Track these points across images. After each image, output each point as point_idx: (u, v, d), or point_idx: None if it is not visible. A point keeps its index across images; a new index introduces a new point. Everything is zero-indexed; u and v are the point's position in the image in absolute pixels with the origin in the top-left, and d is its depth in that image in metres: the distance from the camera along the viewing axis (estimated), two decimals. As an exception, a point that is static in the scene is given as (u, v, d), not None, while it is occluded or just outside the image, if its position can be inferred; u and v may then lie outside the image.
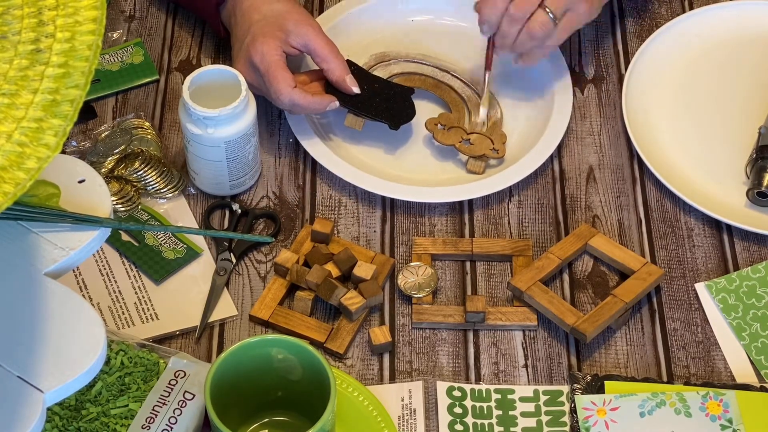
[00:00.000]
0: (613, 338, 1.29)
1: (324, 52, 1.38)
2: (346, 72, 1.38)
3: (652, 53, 1.48)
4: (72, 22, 0.90)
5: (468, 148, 1.40)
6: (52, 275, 1.02)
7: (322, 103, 1.37)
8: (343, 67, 1.38)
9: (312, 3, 1.56)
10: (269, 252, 1.35)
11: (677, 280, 1.33)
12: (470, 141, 1.40)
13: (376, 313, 1.31)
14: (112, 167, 1.39)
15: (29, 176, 0.85)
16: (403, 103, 1.41)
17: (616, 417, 1.21)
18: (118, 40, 1.52)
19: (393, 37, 1.52)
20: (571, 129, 1.45)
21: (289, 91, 1.35)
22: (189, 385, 1.19)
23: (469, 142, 1.40)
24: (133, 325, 1.29)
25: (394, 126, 1.40)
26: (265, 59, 1.35)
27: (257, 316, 1.29)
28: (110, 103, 1.47)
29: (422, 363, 1.27)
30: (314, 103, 1.36)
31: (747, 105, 1.46)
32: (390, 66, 1.47)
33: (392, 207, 1.38)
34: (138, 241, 1.34)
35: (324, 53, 1.38)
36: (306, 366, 1.15)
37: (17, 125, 0.86)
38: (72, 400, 1.19)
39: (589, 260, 1.35)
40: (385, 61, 1.48)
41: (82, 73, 0.88)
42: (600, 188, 1.40)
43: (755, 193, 1.36)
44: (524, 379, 1.26)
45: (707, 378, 1.26)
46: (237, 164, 1.35)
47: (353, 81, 1.39)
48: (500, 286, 1.33)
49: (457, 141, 1.40)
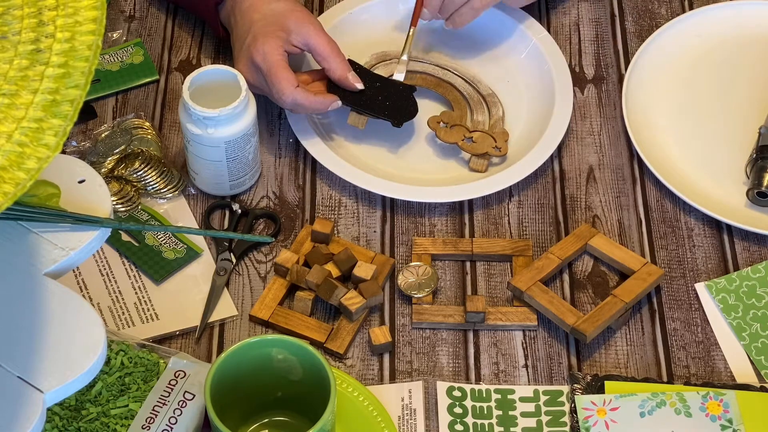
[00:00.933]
0: (613, 338, 1.29)
1: (325, 51, 1.38)
2: (348, 69, 1.38)
3: (652, 53, 1.48)
4: (72, 22, 0.90)
5: (470, 146, 1.40)
6: (52, 275, 1.02)
7: (325, 103, 1.37)
8: (344, 65, 1.38)
9: (312, 3, 1.56)
10: (269, 252, 1.35)
11: (677, 280, 1.33)
12: (473, 139, 1.40)
13: (376, 313, 1.31)
14: (112, 167, 1.39)
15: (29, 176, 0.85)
16: (405, 100, 1.41)
17: (616, 417, 1.21)
18: (118, 40, 1.52)
19: (393, 36, 1.52)
20: (571, 129, 1.45)
21: (292, 91, 1.34)
22: (189, 385, 1.19)
23: (472, 140, 1.40)
24: (133, 325, 1.29)
25: (397, 123, 1.40)
26: (267, 59, 1.35)
27: (257, 316, 1.29)
28: (110, 103, 1.47)
29: (422, 363, 1.27)
30: (317, 103, 1.36)
31: (747, 105, 1.46)
32: (391, 65, 1.47)
33: (392, 207, 1.38)
34: (138, 241, 1.34)
35: (325, 52, 1.38)
36: (306, 366, 1.15)
37: (17, 125, 0.86)
38: (72, 400, 1.19)
39: (589, 260, 1.35)
40: (386, 60, 1.48)
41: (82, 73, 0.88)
42: (600, 188, 1.40)
43: (755, 193, 1.36)
44: (524, 379, 1.26)
45: (707, 378, 1.26)
46: (237, 164, 1.35)
47: (356, 78, 1.39)
48: (500, 286, 1.33)
49: (459, 139, 1.40)
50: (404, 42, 1.45)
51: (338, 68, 1.38)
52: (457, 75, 1.47)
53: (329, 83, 1.39)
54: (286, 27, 1.37)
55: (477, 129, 1.41)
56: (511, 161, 1.40)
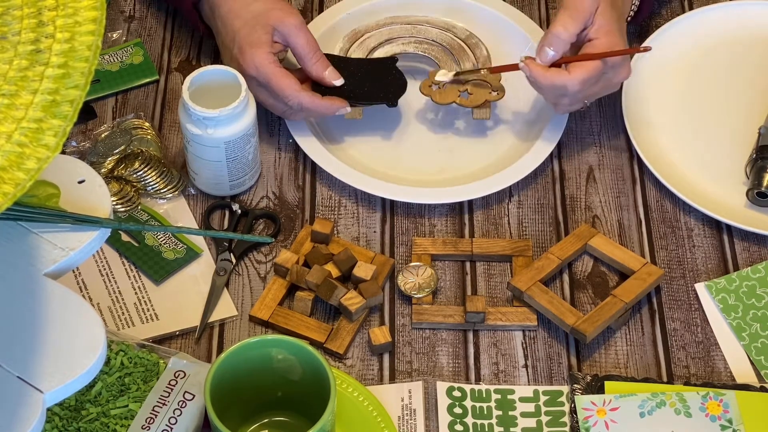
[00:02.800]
0: (613, 338, 1.29)
1: (303, 50, 1.36)
2: (324, 68, 1.37)
3: (652, 53, 1.48)
4: (72, 23, 0.90)
5: (468, 101, 1.39)
6: (52, 275, 1.02)
7: (331, 108, 1.36)
8: (321, 64, 1.37)
9: (312, 3, 1.56)
10: (269, 252, 1.35)
11: (677, 281, 1.33)
12: (468, 92, 1.39)
13: (376, 313, 1.31)
14: (112, 167, 1.39)
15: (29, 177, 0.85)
16: (391, 76, 1.40)
17: (616, 417, 1.21)
18: (118, 40, 1.52)
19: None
20: (571, 129, 1.45)
21: (296, 94, 1.34)
22: (189, 386, 1.19)
23: (468, 93, 1.39)
24: (133, 326, 1.29)
25: (391, 104, 1.39)
26: (261, 71, 1.34)
27: (257, 316, 1.29)
28: (110, 103, 1.47)
29: (422, 363, 1.27)
30: (322, 107, 1.36)
31: (747, 105, 1.46)
32: (365, 42, 1.46)
33: (392, 207, 1.38)
34: (138, 242, 1.34)
35: (303, 51, 1.36)
36: (306, 366, 1.15)
37: (17, 126, 0.86)
38: (72, 401, 1.19)
39: (589, 260, 1.35)
40: (358, 39, 1.47)
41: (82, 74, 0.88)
42: (600, 188, 1.40)
43: (755, 193, 1.36)
44: (524, 380, 1.26)
45: (707, 378, 1.26)
46: (237, 164, 1.35)
47: (334, 74, 1.37)
48: (500, 287, 1.33)
49: (455, 97, 1.39)
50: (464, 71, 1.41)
51: (314, 68, 1.37)
52: (431, 27, 1.46)
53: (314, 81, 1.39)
54: (267, 26, 1.35)
55: (468, 78, 1.40)
56: (511, 161, 1.40)
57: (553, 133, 1.41)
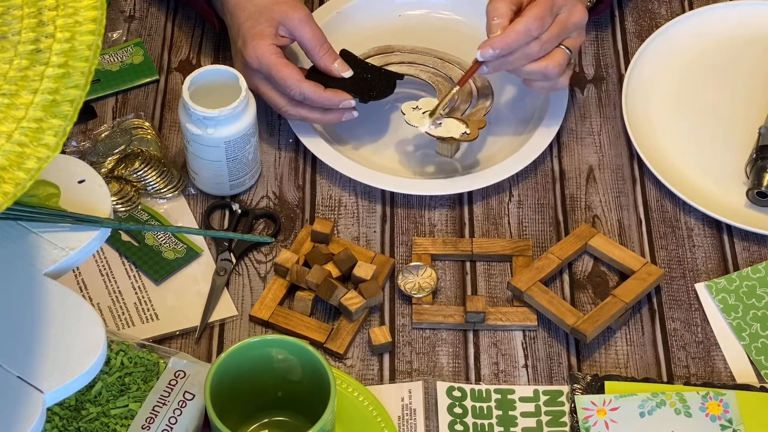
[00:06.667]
0: (613, 338, 1.29)
1: (310, 42, 1.36)
2: (332, 59, 1.36)
3: (652, 53, 1.48)
4: (72, 23, 0.90)
5: (436, 131, 1.38)
6: (52, 275, 1.02)
7: (334, 100, 1.35)
8: (329, 55, 1.36)
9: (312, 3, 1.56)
10: (269, 252, 1.35)
11: (677, 280, 1.33)
12: (440, 124, 1.38)
13: (376, 313, 1.31)
14: (112, 167, 1.39)
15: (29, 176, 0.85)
16: (385, 85, 1.40)
17: (616, 417, 1.21)
18: (118, 40, 1.52)
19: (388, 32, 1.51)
20: (571, 129, 1.45)
21: (299, 84, 1.33)
22: (189, 386, 1.19)
23: (439, 125, 1.38)
24: (133, 325, 1.29)
25: (363, 100, 1.37)
26: (263, 62, 1.34)
27: (257, 316, 1.29)
28: (110, 103, 1.47)
29: (422, 363, 1.27)
30: (324, 98, 1.35)
31: (747, 105, 1.46)
32: (390, 56, 1.46)
33: (392, 206, 1.38)
34: (138, 241, 1.34)
35: (311, 43, 1.36)
36: (306, 366, 1.15)
37: (17, 125, 0.86)
38: (72, 400, 1.19)
39: (589, 260, 1.35)
40: (385, 53, 1.46)
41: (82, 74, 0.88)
42: (600, 188, 1.40)
43: (755, 193, 1.36)
44: (524, 379, 1.26)
45: (707, 378, 1.26)
46: (237, 164, 1.35)
47: (342, 65, 1.36)
48: (500, 286, 1.33)
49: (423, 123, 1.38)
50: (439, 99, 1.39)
51: (322, 60, 1.36)
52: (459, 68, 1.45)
53: (309, 72, 1.38)
54: (272, 21, 1.35)
55: (452, 116, 1.39)
56: (509, 153, 1.40)
57: (550, 123, 1.41)
